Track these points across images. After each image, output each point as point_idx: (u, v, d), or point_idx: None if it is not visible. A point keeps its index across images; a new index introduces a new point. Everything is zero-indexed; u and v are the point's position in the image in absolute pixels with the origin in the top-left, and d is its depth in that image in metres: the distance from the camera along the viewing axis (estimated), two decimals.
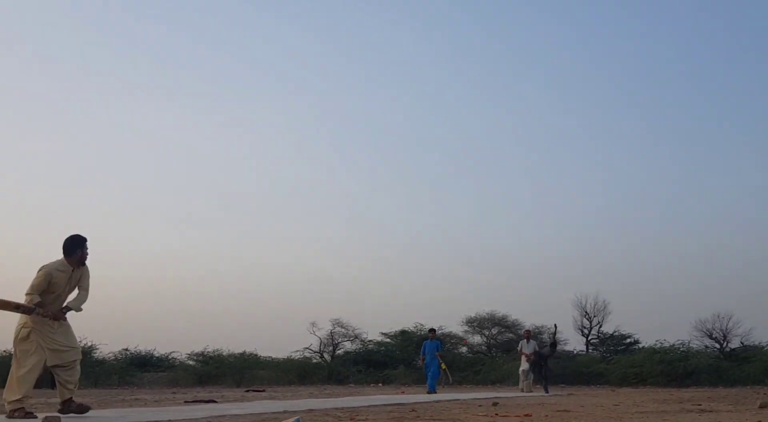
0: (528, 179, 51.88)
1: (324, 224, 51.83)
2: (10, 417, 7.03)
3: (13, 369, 7.36)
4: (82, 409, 7.65)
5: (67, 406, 7.58)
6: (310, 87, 51.40)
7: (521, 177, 51.96)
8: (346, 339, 37.52)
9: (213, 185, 51.28)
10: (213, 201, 50.97)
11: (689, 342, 33.81)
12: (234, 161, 51.69)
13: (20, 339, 7.38)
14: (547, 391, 18.59)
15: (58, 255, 7.53)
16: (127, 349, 34.26)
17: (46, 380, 27.44)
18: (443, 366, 19.97)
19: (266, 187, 52.32)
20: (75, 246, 7.52)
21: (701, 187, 47.53)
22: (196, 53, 49.84)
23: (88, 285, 7.69)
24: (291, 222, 51.23)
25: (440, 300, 48.09)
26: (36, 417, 7.13)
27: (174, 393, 19.03)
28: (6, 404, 7.15)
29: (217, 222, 50.37)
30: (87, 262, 7.67)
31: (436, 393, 17.67)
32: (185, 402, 12.44)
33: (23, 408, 7.09)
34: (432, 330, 20.56)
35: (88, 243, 7.67)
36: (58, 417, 6.32)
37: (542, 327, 37.09)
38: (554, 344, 19.41)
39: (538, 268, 49.53)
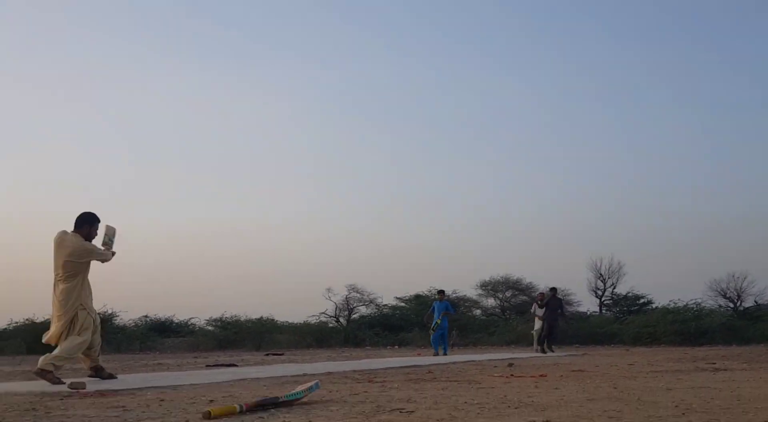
0: (541, 141, 51.65)
1: (336, 189, 51.99)
2: (38, 374, 7.14)
3: (67, 334, 7.48)
4: (112, 377, 7.92)
5: (99, 372, 7.82)
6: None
7: (535, 138, 51.72)
8: (361, 304, 37.86)
9: (229, 152, 51.47)
10: (224, 168, 51.17)
11: (703, 302, 33.92)
12: (247, 129, 51.75)
13: (86, 323, 7.60)
14: (551, 351, 18.73)
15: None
16: (147, 316, 34.76)
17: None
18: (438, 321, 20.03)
19: (281, 153, 52.40)
20: (84, 222, 7.66)
21: (716, 146, 47.16)
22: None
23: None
24: (304, 187, 51.41)
25: (454, 264, 48.32)
26: (63, 383, 7.27)
27: (195, 357, 19.35)
28: (44, 362, 7.22)
29: (231, 189, 50.63)
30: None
31: (447, 354, 17.79)
32: (207, 366, 12.66)
33: (53, 372, 7.22)
34: (440, 292, 20.61)
35: (100, 225, 7.79)
36: (83, 383, 6.47)
37: (557, 288, 37.28)
38: (562, 309, 19.43)
39: (553, 231, 49.56)
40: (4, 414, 4.18)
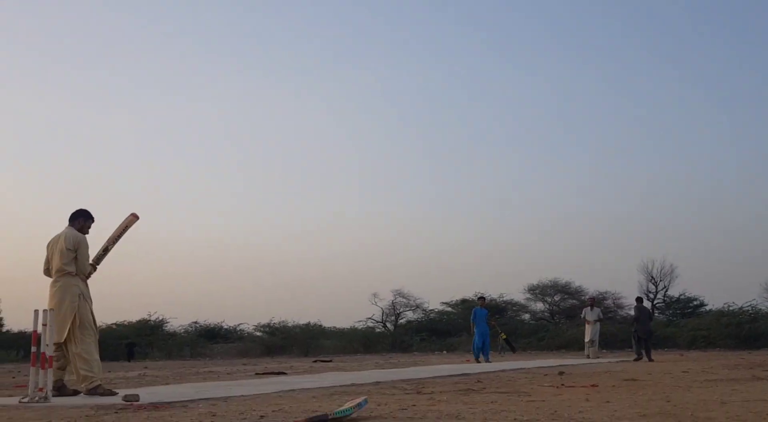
0: (591, 142, 51.04)
1: (382, 193, 52.06)
2: (89, 393, 7.21)
3: (82, 347, 7.29)
4: (76, 393, 7.39)
5: (62, 389, 7.31)
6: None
7: (584, 140, 51.14)
8: (407, 309, 37.88)
9: (275, 157, 52.01)
10: (272, 174, 51.67)
11: (759, 304, 33.13)
12: (291, 133, 52.19)
13: (84, 314, 7.41)
14: (650, 358, 17.78)
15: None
16: (196, 322, 35.29)
17: (123, 352, 28.57)
18: (503, 335, 19.84)
19: (326, 159, 52.73)
20: (79, 216, 7.67)
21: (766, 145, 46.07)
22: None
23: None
24: (350, 193, 51.62)
25: (501, 268, 48.01)
26: (117, 394, 7.39)
27: (245, 364, 19.57)
28: (84, 381, 7.24)
29: (277, 196, 51.08)
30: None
31: (489, 361, 17.55)
32: (256, 374, 12.80)
33: (100, 384, 7.31)
34: (481, 298, 20.52)
35: (93, 224, 7.76)
36: (137, 395, 6.59)
37: (606, 293, 36.78)
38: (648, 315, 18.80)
39: (603, 234, 48.91)
40: None
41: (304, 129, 52.36)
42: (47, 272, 7.63)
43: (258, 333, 34.87)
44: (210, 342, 33.30)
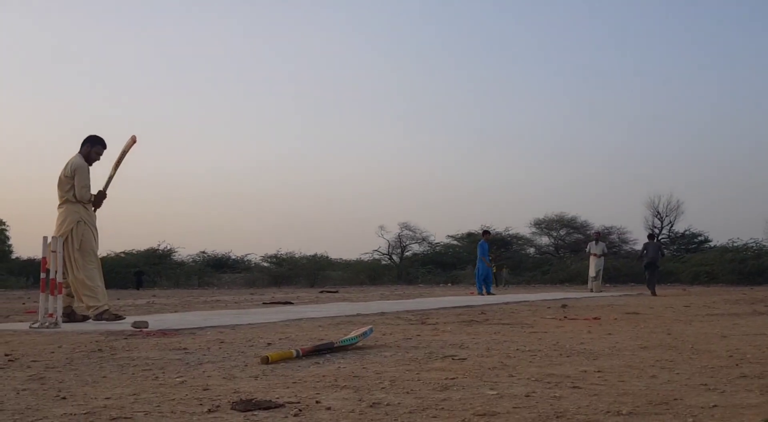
0: (600, 75, 50.36)
1: (391, 128, 51.76)
2: (97, 319, 7.33)
3: (84, 273, 7.30)
4: (86, 319, 7.50)
5: (72, 316, 7.41)
6: None
7: (594, 72, 50.45)
8: (413, 242, 38.16)
9: (287, 90, 51.57)
10: (286, 107, 51.33)
11: (763, 241, 33.23)
12: (302, 64, 51.58)
13: (86, 239, 7.41)
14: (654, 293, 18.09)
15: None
16: (204, 252, 35.66)
17: (132, 281, 28.93)
18: (494, 268, 20.12)
19: (336, 90, 52.25)
20: (86, 142, 7.65)
21: None
22: None
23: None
24: (358, 125, 51.32)
25: (508, 202, 48.04)
26: (124, 318, 7.52)
27: (252, 294, 19.85)
28: (90, 309, 7.34)
29: (287, 128, 50.83)
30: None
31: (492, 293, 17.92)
32: (263, 303, 12.99)
33: (108, 310, 7.41)
34: (486, 232, 20.47)
35: (105, 151, 7.71)
36: (146, 322, 6.69)
37: (611, 227, 36.91)
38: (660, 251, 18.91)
39: (610, 169, 48.75)
40: (71, 355, 4.37)
41: (312, 57, 51.79)
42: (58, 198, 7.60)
43: (265, 264, 35.24)
44: (217, 272, 33.70)
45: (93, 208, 7.63)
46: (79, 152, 7.63)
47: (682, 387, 3.06)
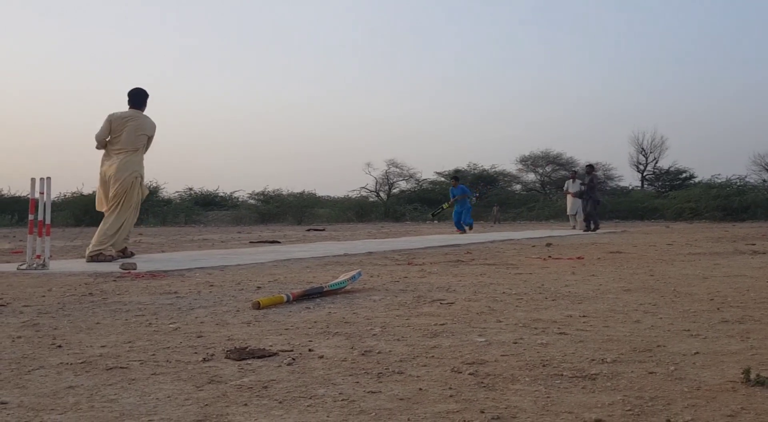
0: (583, 10, 49.78)
1: (379, 65, 51.18)
2: (93, 260, 7.47)
3: (115, 219, 7.75)
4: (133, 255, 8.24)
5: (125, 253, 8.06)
6: None
7: (575, 8, 49.85)
8: (401, 179, 38.24)
9: (274, 30, 50.67)
10: (271, 47, 50.51)
11: (746, 177, 33.51)
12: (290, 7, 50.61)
13: (135, 194, 7.93)
14: (587, 229, 18.79)
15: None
16: (191, 189, 35.57)
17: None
18: (445, 205, 20.43)
19: (324, 28, 51.40)
20: (145, 97, 8.12)
21: (761, 16, 45.07)
22: None
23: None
24: (347, 64, 50.70)
25: (493, 139, 47.99)
26: (115, 258, 7.62)
27: (239, 232, 19.90)
28: (98, 248, 7.56)
29: (273, 67, 50.15)
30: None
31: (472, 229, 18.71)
32: (250, 242, 13.04)
33: (103, 252, 7.54)
34: (454, 178, 20.95)
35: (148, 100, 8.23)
36: (134, 263, 6.74)
37: (596, 164, 37.06)
38: (589, 187, 19.21)
39: (594, 105, 48.61)
40: (63, 300, 4.41)
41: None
42: (103, 144, 7.92)
43: (252, 201, 35.22)
44: (204, 210, 33.67)
45: None
46: (142, 110, 8.06)
47: (665, 333, 3.14)
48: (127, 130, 7.83)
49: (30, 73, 47.97)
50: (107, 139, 7.89)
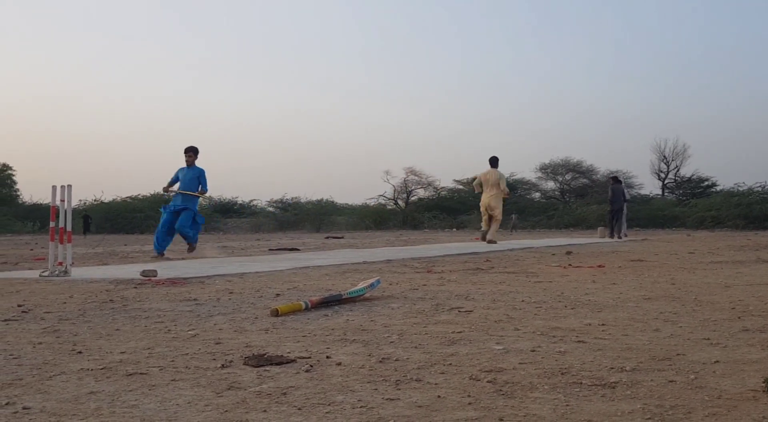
0: (607, 20, 49.59)
1: (396, 72, 51.24)
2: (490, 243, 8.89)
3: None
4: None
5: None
6: None
7: (599, 17, 49.67)
8: (419, 187, 38.16)
9: (295, 39, 50.97)
10: (286, 52, 50.76)
11: None
12: (304, 13, 50.85)
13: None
14: (612, 237, 18.80)
15: None
16: (211, 197, 35.76)
17: (138, 225, 29.03)
18: None
19: (340, 36, 51.57)
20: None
21: None
22: None
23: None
24: (364, 71, 50.82)
25: (514, 147, 47.84)
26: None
27: (258, 240, 19.98)
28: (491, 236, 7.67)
29: (291, 74, 50.37)
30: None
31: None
32: (270, 250, 13.09)
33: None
34: None
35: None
36: (155, 271, 6.78)
37: (617, 172, 36.80)
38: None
39: (617, 113, 48.35)
40: (83, 307, 4.45)
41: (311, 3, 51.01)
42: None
43: (271, 209, 35.37)
44: (224, 217, 33.85)
45: None
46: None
47: (685, 342, 3.11)
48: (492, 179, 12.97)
49: (52, 83, 48.53)
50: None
